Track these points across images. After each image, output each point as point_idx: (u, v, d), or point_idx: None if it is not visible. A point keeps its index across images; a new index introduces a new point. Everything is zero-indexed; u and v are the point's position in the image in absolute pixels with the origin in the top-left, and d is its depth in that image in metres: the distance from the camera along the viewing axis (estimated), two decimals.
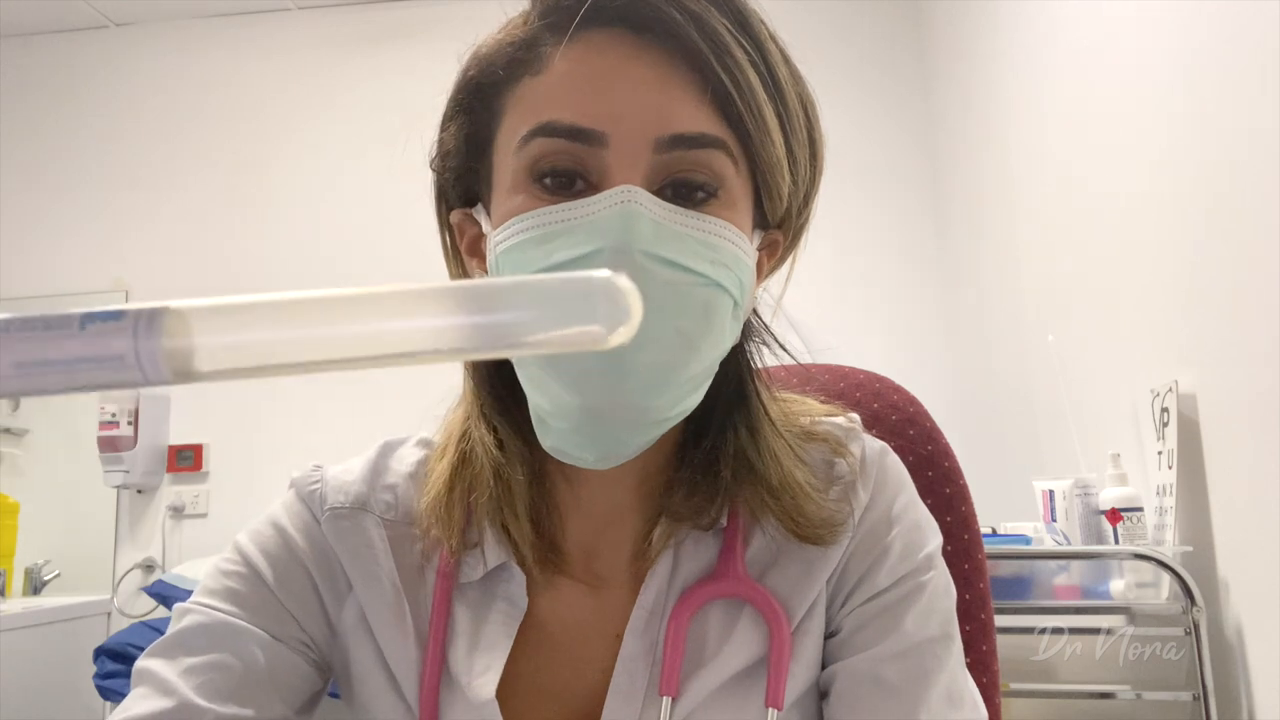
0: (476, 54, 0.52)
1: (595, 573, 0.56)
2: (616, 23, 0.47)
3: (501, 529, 0.54)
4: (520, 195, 0.48)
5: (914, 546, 0.55)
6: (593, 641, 0.54)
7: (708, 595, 0.53)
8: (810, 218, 0.57)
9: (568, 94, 0.47)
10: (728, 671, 0.52)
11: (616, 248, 0.44)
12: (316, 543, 0.56)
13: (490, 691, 0.51)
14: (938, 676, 0.52)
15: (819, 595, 0.54)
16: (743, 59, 0.47)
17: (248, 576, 0.55)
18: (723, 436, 0.54)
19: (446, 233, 0.57)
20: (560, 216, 0.46)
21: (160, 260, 2.93)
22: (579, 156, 0.47)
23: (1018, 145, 2.04)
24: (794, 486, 0.53)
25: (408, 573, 0.55)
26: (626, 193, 0.45)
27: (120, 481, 2.70)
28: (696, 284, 0.46)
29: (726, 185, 0.48)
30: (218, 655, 0.51)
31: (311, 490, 0.58)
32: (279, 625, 0.54)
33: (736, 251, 0.48)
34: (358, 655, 0.55)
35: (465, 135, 0.53)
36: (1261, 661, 1.20)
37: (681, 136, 0.47)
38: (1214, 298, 1.26)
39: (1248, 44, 1.16)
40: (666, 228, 0.46)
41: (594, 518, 0.56)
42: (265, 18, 3.07)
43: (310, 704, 0.56)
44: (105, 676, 2.20)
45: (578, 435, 0.48)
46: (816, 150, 0.54)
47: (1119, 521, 1.38)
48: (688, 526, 0.54)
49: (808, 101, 0.53)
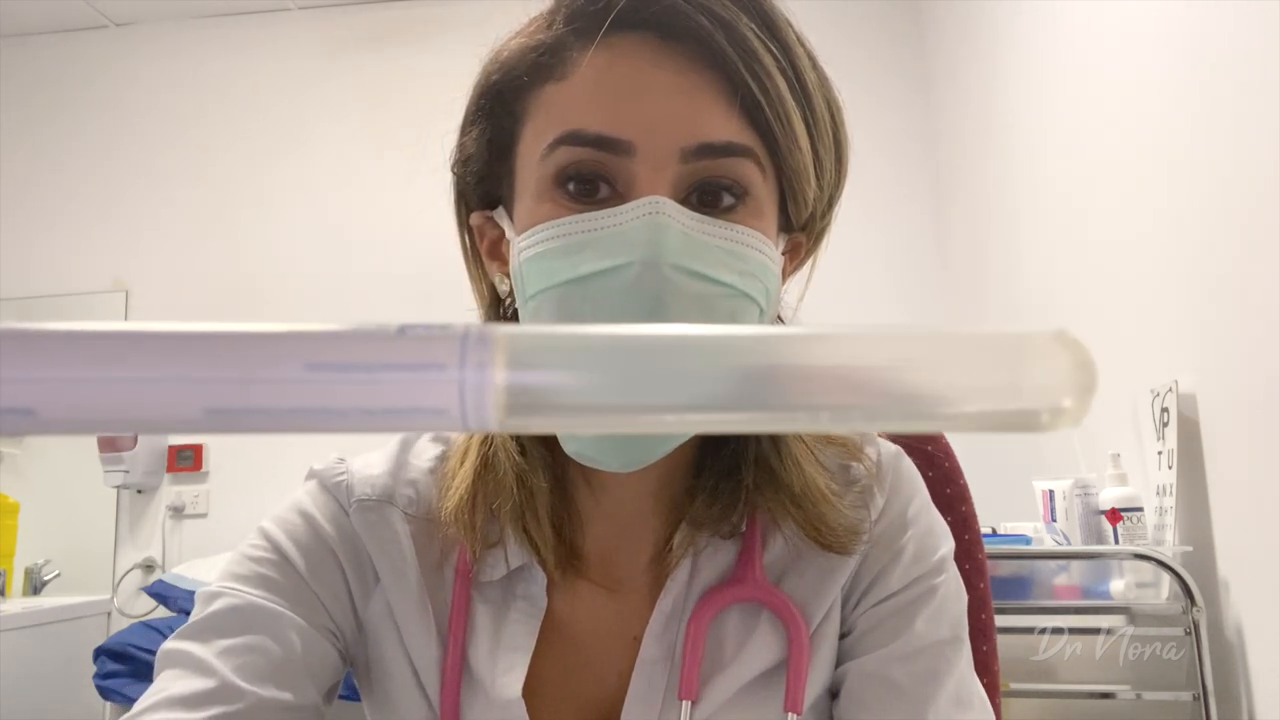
0: (497, 57, 0.51)
1: (614, 576, 0.56)
2: (643, 28, 0.47)
3: (523, 531, 0.53)
4: (546, 203, 0.47)
5: (927, 550, 0.55)
6: (611, 644, 0.54)
7: (726, 600, 0.53)
8: (833, 220, 0.56)
9: (594, 102, 0.46)
10: (746, 675, 0.52)
11: (645, 260, 0.44)
12: (346, 533, 0.55)
13: (516, 691, 0.51)
14: (947, 678, 0.52)
15: (835, 599, 0.54)
16: (771, 66, 0.46)
17: (278, 563, 0.53)
18: (744, 442, 0.54)
19: (466, 235, 0.56)
20: (587, 226, 0.45)
21: (160, 260, 2.93)
22: (605, 164, 0.46)
23: (1018, 145, 2.04)
24: (816, 493, 0.53)
25: (428, 569, 0.55)
26: (654, 204, 0.44)
27: (120, 481, 2.70)
28: (724, 295, 0.46)
29: (754, 192, 0.48)
30: (254, 638, 0.50)
31: (338, 481, 0.57)
32: (311, 612, 0.53)
33: (764, 260, 0.48)
34: (382, 650, 0.55)
35: (487, 140, 0.52)
36: (1261, 661, 1.20)
37: (709, 145, 0.46)
38: (1214, 298, 1.26)
39: (1249, 44, 1.16)
40: (694, 239, 0.45)
41: (615, 522, 0.56)
42: (265, 18, 3.07)
43: (332, 693, 0.55)
44: (105, 676, 2.20)
45: (602, 441, 0.48)
46: (842, 153, 0.53)
47: (1119, 521, 1.38)
48: (707, 534, 0.54)
49: (834, 105, 0.52)
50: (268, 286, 2.88)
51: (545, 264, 0.46)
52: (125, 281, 2.93)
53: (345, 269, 2.85)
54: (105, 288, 2.92)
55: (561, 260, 0.46)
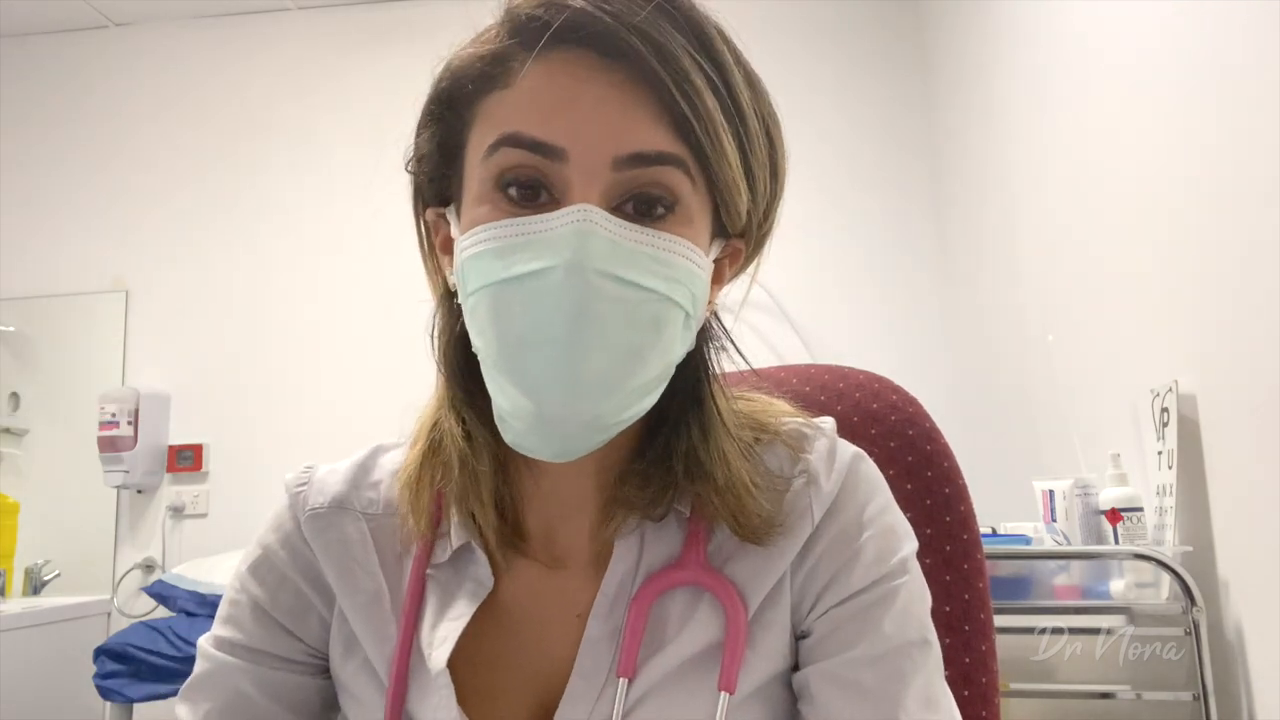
0: (449, 66, 0.55)
1: (555, 555, 0.59)
2: (582, 46, 0.49)
3: (467, 514, 0.57)
4: (485, 205, 0.51)
5: (887, 551, 0.56)
6: (555, 622, 0.57)
7: (669, 582, 0.55)
8: (773, 228, 0.59)
9: (532, 108, 0.49)
10: (683, 654, 0.54)
11: (570, 265, 0.47)
12: (298, 551, 0.61)
13: (442, 661, 0.54)
14: (914, 679, 0.53)
15: (780, 588, 0.56)
16: (702, 85, 0.49)
17: (245, 604, 0.60)
18: (676, 434, 0.57)
19: (422, 230, 0.60)
20: (519, 230, 0.49)
21: (160, 260, 2.93)
22: (541, 169, 0.49)
23: (1018, 144, 2.04)
24: (739, 486, 0.55)
25: (390, 561, 0.60)
26: (582, 211, 0.47)
27: (120, 481, 2.71)
28: (647, 299, 0.49)
29: (683, 201, 0.51)
30: (228, 699, 0.58)
31: (298, 492, 0.63)
32: (285, 644, 0.60)
33: (689, 266, 0.51)
34: (339, 642, 0.60)
35: (438, 142, 0.56)
36: (1261, 661, 1.20)
37: (639, 155, 0.49)
38: (1214, 298, 1.26)
39: (1248, 44, 1.16)
40: (620, 245, 0.48)
41: (555, 505, 0.59)
42: (265, 18, 3.07)
43: (328, 706, 0.61)
44: (105, 676, 2.20)
45: (533, 435, 0.50)
46: (778, 168, 0.56)
47: (1119, 521, 1.38)
48: (639, 516, 0.57)
49: (770, 121, 0.55)
50: (268, 284, 2.88)
51: (482, 263, 0.50)
52: (125, 281, 2.93)
53: (346, 268, 2.86)
54: (105, 288, 2.93)
55: (496, 261, 0.49)
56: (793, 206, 0.62)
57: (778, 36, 2.81)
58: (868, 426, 0.73)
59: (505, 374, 0.49)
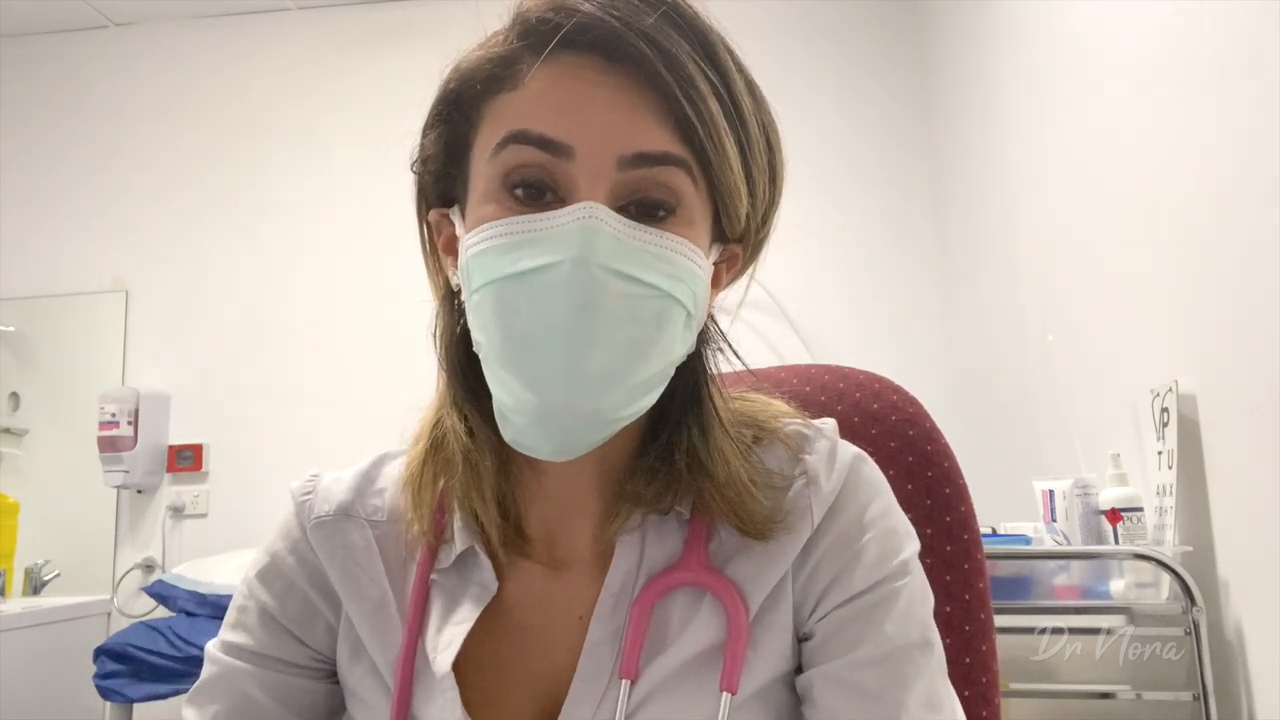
0: (457, 68, 0.55)
1: (558, 556, 0.59)
2: (589, 50, 0.50)
3: (470, 515, 0.57)
4: (491, 204, 0.51)
5: (889, 552, 0.56)
6: (558, 624, 0.57)
7: (670, 583, 0.56)
8: (770, 233, 0.60)
9: (540, 108, 0.50)
10: (685, 655, 0.54)
11: (576, 260, 0.47)
12: (306, 558, 0.62)
13: (447, 665, 0.54)
14: (916, 681, 0.53)
15: (782, 589, 0.56)
16: (706, 90, 0.50)
17: (253, 610, 0.61)
18: (678, 433, 0.57)
19: (425, 230, 0.60)
20: (526, 227, 0.49)
21: (160, 260, 2.93)
22: (548, 169, 0.50)
23: (1018, 144, 2.04)
24: (738, 484, 0.56)
25: (395, 567, 0.60)
26: (588, 208, 0.48)
27: (120, 481, 2.71)
28: (650, 296, 0.50)
29: (686, 203, 0.52)
30: (234, 702, 0.59)
31: (304, 501, 0.63)
32: (292, 650, 0.61)
33: (691, 266, 0.52)
34: (346, 647, 0.60)
35: (445, 143, 0.57)
36: (1261, 661, 1.20)
37: (644, 155, 0.50)
38: (1214, 298, 1.26)
39: (1249, 44, 1.16)
40: (625, 243, 0.49)
41: (557, 504, 0.59)
42: (265, 18, 3.07)
43: (335, 711, 0.63)
44: (105, 676, 2.20)
45: (535, 430, 0.50)
46: (776, 174, 0.57)
47: (1119, 521, 1.38)
48: (644, 510, 0.57)
49: (770, 129, 0.56)
50: (268, 284, 2.88)
51: (488, 260, 0.50)
52: (125, 281, 2.93)
53: (346, 268, 2.86)
54: (105, 288, 2.93)
55: (502, 256, 0.50)
56: (793, 207, 0.62)
57: (778, 36, 2.81)
58: (868, 427, 0.73)
59: (508, 368, 0.50)
